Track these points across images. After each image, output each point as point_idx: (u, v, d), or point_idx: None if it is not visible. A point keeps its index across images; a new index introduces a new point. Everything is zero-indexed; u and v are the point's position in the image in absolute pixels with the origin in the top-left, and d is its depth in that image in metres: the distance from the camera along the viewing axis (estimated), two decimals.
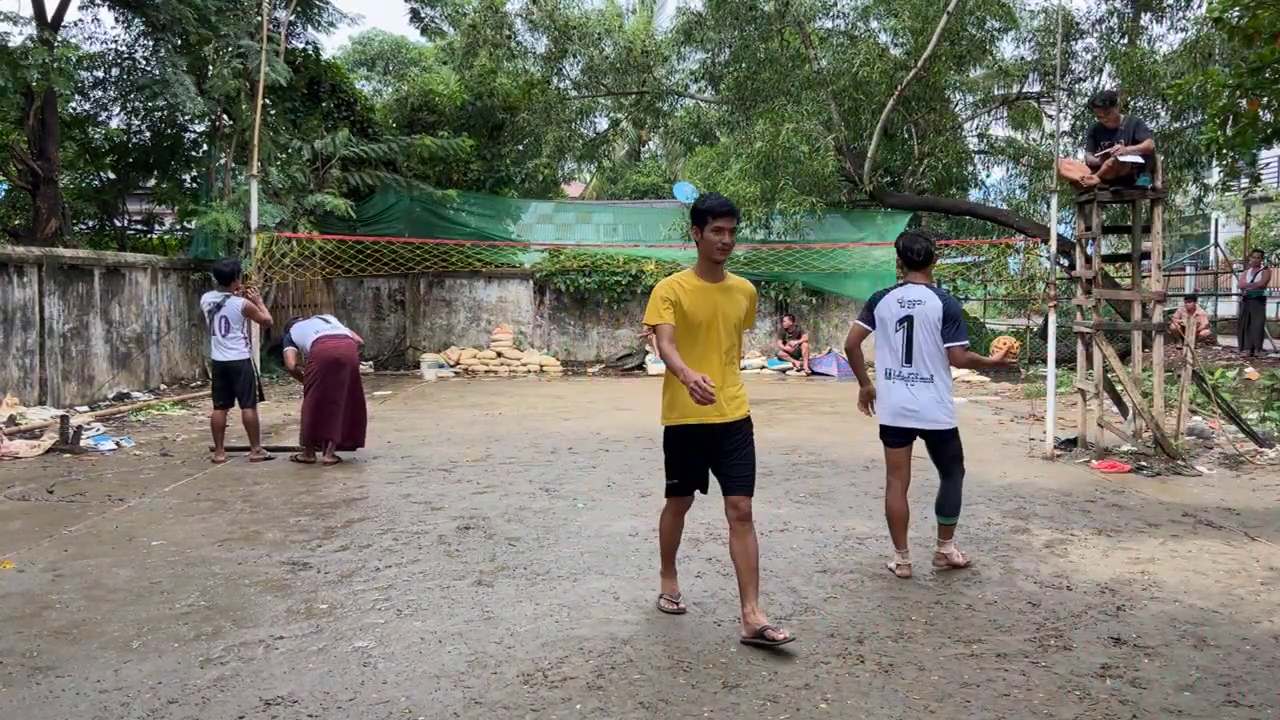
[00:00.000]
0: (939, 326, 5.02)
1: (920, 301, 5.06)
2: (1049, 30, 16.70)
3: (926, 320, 5.02)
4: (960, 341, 5.03)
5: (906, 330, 5.05)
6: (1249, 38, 7.10)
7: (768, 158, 16.20)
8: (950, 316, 5.02)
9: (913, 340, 5.04)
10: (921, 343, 5.03)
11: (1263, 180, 21.47)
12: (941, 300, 5.07)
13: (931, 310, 5.03)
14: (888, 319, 5.13)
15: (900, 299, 5.11)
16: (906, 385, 5.08)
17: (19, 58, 11.91)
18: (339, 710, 3.55)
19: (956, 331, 5.03)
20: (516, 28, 21.42)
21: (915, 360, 5.04)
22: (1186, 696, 3.66)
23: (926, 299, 5.05)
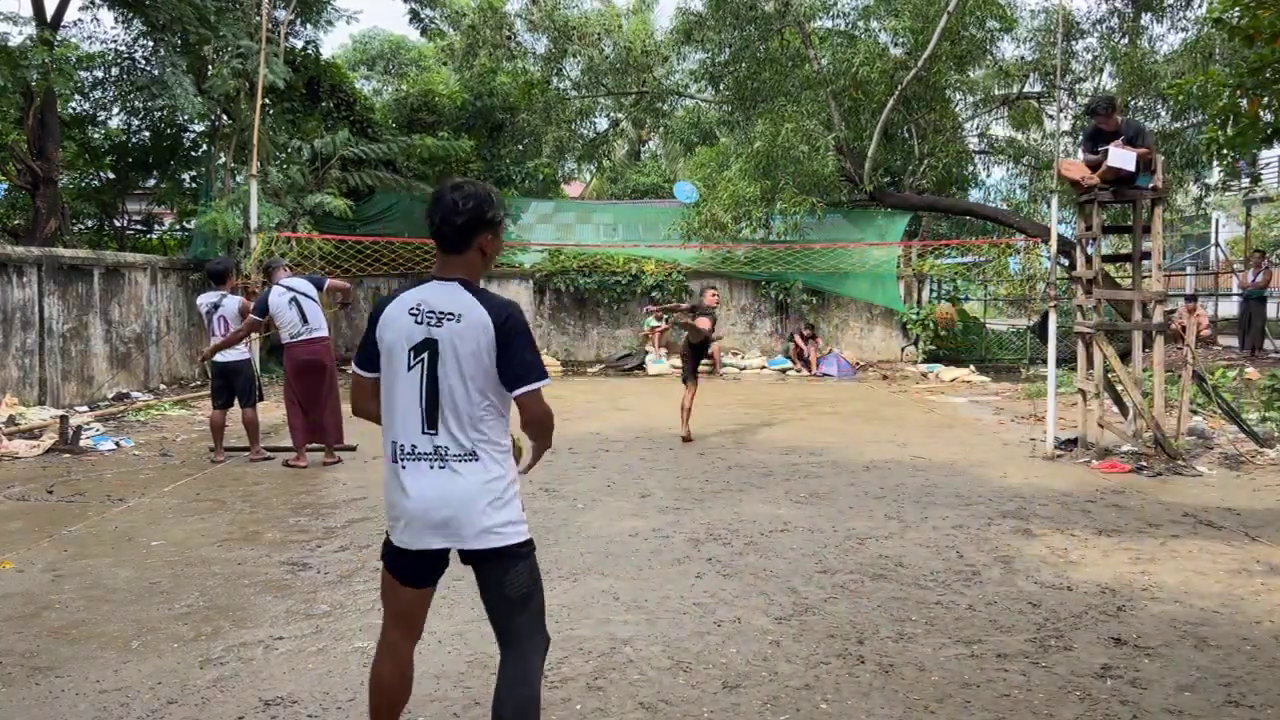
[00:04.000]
0: (486, 357, 2.79)
1: (450, 315, 2.80)
2: (1049, 30, 16.70)
3: (467, 347, 2.78)
4: (533, 381, 2.84)
5: (425, 366, 2.81)
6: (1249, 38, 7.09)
7: (768, 158, 16.20)
8: (512, 334, 2.80)
9: (434, 387, 2.80)
10: (444, 390, 2.80)
11: (1263, 180, 21.47)
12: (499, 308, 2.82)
13: (474, 329, 2.78)
14: (395, 344, 2.84)
15: (417, 307, 2.83)
16: (428, 468, 2.82)
17: (19, 57, 11.91)
18: (339, 710, 3.55)
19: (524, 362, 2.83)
20: (516, 28, 21.42)
21: (445, 421, 2.81)
22: (1187, 697, 3.66)
23: (465, 310, 2.80)
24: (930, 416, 11.72)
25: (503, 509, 2.81)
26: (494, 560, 2.81)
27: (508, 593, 2.83)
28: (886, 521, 6.36)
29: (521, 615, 2.85)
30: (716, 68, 19.52)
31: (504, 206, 3.07)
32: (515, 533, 2.83)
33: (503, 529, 2.80)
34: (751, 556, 5.52)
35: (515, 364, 2.79)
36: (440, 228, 2.83)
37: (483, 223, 2.83)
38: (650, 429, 10.51)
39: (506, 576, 2.82)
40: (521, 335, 2.81)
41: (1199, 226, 29.90)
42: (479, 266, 2.89)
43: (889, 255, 18.49)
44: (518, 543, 2.83)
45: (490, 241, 2.88)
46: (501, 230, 2.95)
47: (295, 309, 8.26)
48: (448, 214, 2.81)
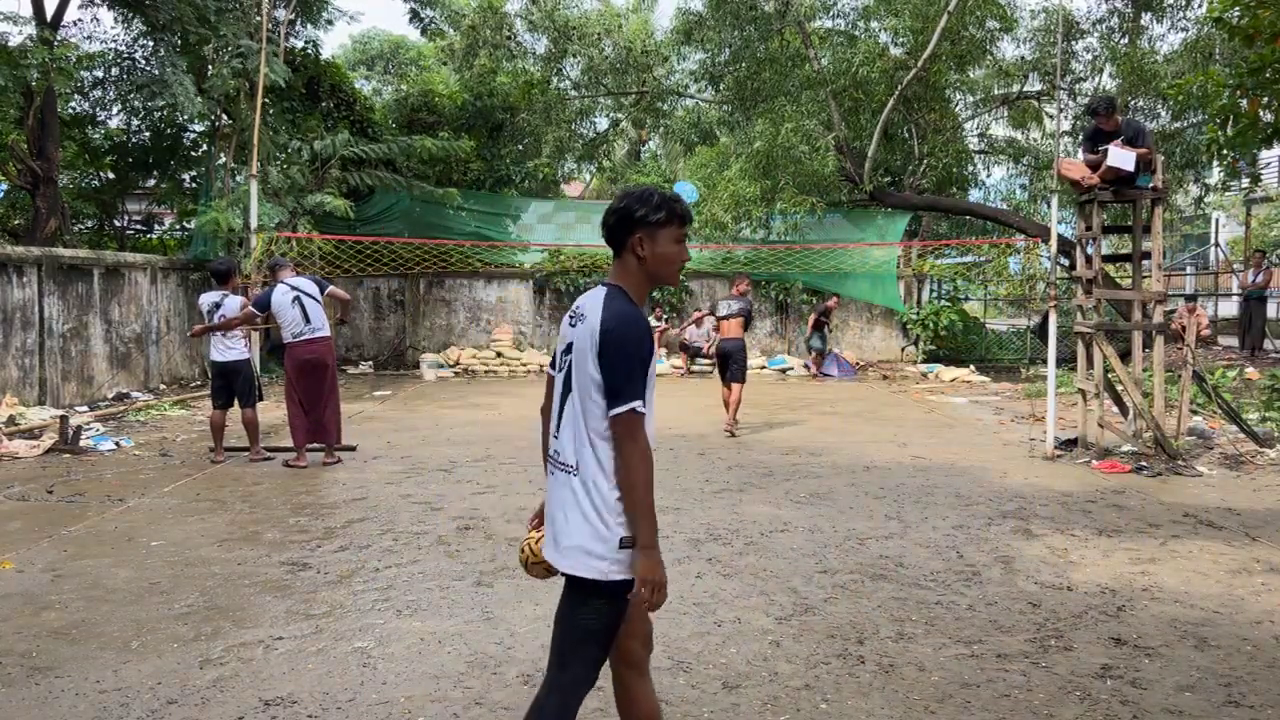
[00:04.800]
0: (590, 365, 2.61)
1: (583, 318, 2.70)
2: (1049, 30, 16.70)
3: (583, 352, 2.64)
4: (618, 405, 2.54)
5: (566, 370, 2.73)
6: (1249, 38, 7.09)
7: (768, 158, 16.20)
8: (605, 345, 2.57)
9: (568, 389, 2.70)
10: (573, 396, 2.68)
11: (1263, 180, 21.46)
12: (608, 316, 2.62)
13: (587, 334, 2.63)
14: (557, 348, 2.82)
15: (574, 309, 2.78)
16: (551, 474, 2.75)
17: (19, 57, 11.91)
18: (338, 710, 3.54)
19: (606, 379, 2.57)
20: (516, 28, 21.42)
21: (563, 428, 2.70)
22: (1187, 697, 3.66)
23: (589, 312, 2.68)
24: (930, 416, 11.72)
25: (588, 537, 2.56)
26: (570, 584, 2.63)
27: (578, 622, 2.61)
28: (886, 521, 6.36)
29: (581, 646, 2.62)
30: (716, 68, 19.53)
31: (671, 208, 2.68)
32: (598, 570, 2.55)
33: (582, 556, 2.57)
34: (751, 556, 5.52)
35: (609, 380, 2.55)
36: (602, 229, 2.76)
37: (633, 222, 2.66)
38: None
39: (582, 606, 2.61)
40: (620, 350, 2.54)
41: (1199, 226, 29.91)
42: (636, 271, 2.70)
43: (889, 255, 18.50)
44: (595, 579, 2.56)
45: (643, 242, 2.66)
46: (663, 231, 2.67)
47: (298, 308, 8.26)
48: (605, 215, 2.73)
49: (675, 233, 2.70)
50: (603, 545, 2.55)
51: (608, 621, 2.60)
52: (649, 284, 2.74)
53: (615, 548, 2.55)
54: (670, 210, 2.67)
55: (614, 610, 2.60)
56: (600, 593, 2.57)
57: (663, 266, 2.70)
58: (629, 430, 2.53)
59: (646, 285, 2.73)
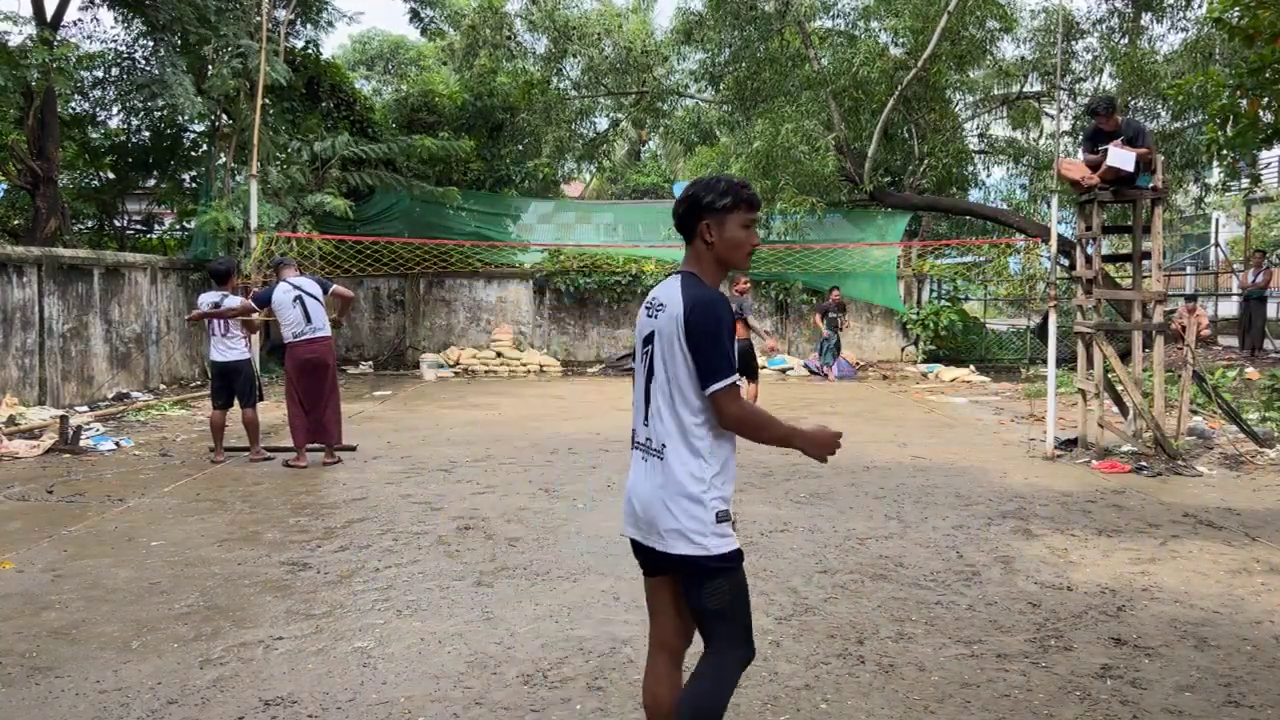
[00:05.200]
0: (679, 351, 2.67)
1: (662, 307, 2.75)
2: (1049, 30, 16.70)
3: (669, 339, 2.70)
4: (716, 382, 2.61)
5: (648, 359, 2.79)
6: (1249, 38, 7.10)
7: (768, 158, 16.20)
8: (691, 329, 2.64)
9: (652, 376, 2.76)
10: (651, 383, 2.77)
11: (1263, 180, 21.46)
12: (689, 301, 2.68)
13: (671, 321, 2.70)
14: (636, 340, 2.91)
15: (650, 300, 2.85)
16: (640, 460, 2.82)
17: (19, 57, 11.91)
18: (339, 710, 3.54)
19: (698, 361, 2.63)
20: (516, 28, 21.41)
21: (651, 414, 2.77)
22: (1187, 697, 3.66)
23: (669, 301, 2.74)
24: (930, 416, 11.72)
25: (682, 515, 2.64)
26: (683, 568, 2.68)
27: (702, 603, 2.69)
28: (886, 521, 6.36)
29: (717, 627, 2.71)
30: (716, 68, 19.53)
31: (737, 194, 2.71)
32: (701, 548, 2.64)
33: (682, 536, 2.64)
34: (751, 556, 5.52)
35: (701, 361, 2.62)
36: (673, 217, 2.82)
37: (700, 208, 2.71)
38: None
39: (700, 588, 2.68)
40: (707, 330, 2.61)
41: (1199, 226, 29.90)
42: (706, 257, 2.75)
43: (889, 255, 18.50)
44: (702, 554, 2.63)
45: (712, 229, 2.71)
46: (731, 217, 2.70)
47: (299, 307, 8.26)
48: (675, 204, 2.80)
49: (743, 218, 2.73)
50: (699, 523, 2.63)
51: (731, 594, 2.68)
52: (720, 269, 2.78)
53: (713, 523, 2.64)
54: (737, 195, 2.72)
55: (731, 581, 2.68)
56: (710, 569, 2.64)
57: (731, 251, 2.75)
58: (731, 401, 2.62)
59: (718, 270, 2.78)
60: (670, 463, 2.67)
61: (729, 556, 2.66)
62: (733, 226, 2.72)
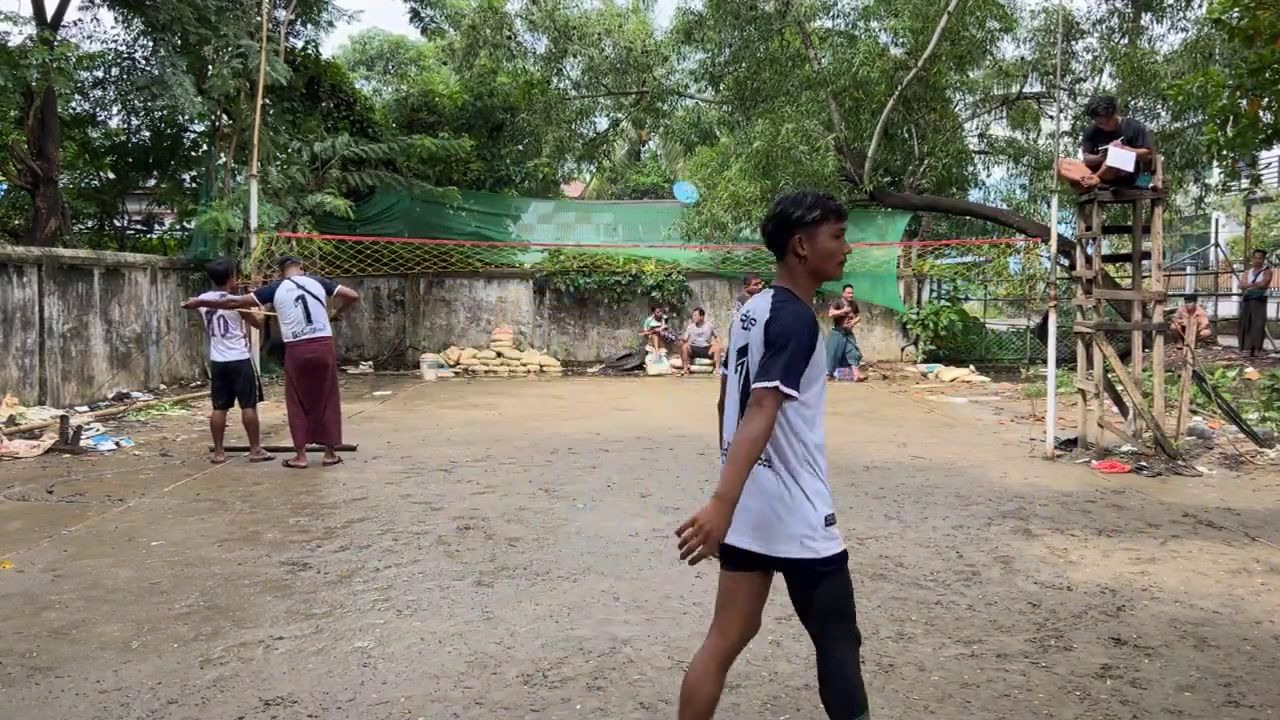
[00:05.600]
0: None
1: (754, 320, 2.84)
2: (1049, 30, 16.69)
3: (757, 353, 2.78)
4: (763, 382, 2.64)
5: (743, 371, 2.86)
6: (1249, 38, 7.10)
7: (768, 158, 16.19)
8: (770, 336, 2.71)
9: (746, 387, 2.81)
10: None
11: (1263, 180, 21.46)
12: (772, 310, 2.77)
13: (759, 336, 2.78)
14: (730, 352, 3.00)
15: (745, 313, 2.92)
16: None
17: (19, 57, 11.91)
18: (339, 710, 3.55)
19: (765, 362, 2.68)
20: (516, 28, 21.41)
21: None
22: (1187, 697, 3.66)
23: (759, 314, 2.82)
24: (930, 416, 11.72)
25: (794, 521, 2.72)
26: (795, 573, 2.78)
27: (817, 605, 2.78)
28: (886, 521, 6.36)
29: (830, 624, 2.80)
30: (716, 68, 19.52)
31: (825, 206, 2.77)
32: (814, 550, 2.73)
33: (795, 540, 2.72)
34: None
35: (767, 355, 2.68)
36: (762, 235, 2.90)
37: (791, 224, 2.78)
38: (650, 429, 10.51)
39: (813, 591, 2.77)
40: (780, 337, 2.66)
41: (1199, 226, 29.91)
42: (799, 270, 2.82)
43: (889, 255, 18.50)
44: (813, 558, 2.73)
45: (803, 243, 2.78)
46: (821, 229, 2.77)
47: (301, 307, 8.27)
48: (763, 222, 2.87)
49: (833, 229, 2.80)
50: (810, 528, 2.72)
51: (841, 594, 2.78)
52: (814, 281, 2.84)
53: (822, 527, 2.74)
54: (825, 208, 2.79)
55: (841, 581, 2.78)
56: (822, 572, 2.74)
57: (824, 262, 2.81)
58: (763, 402, 2.62)
59: (812, 283, 2.84)
60: (775, 470, 2.75)
61: (838, 558, 2.76)
62: (824, 238, 2.79)
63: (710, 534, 2.54)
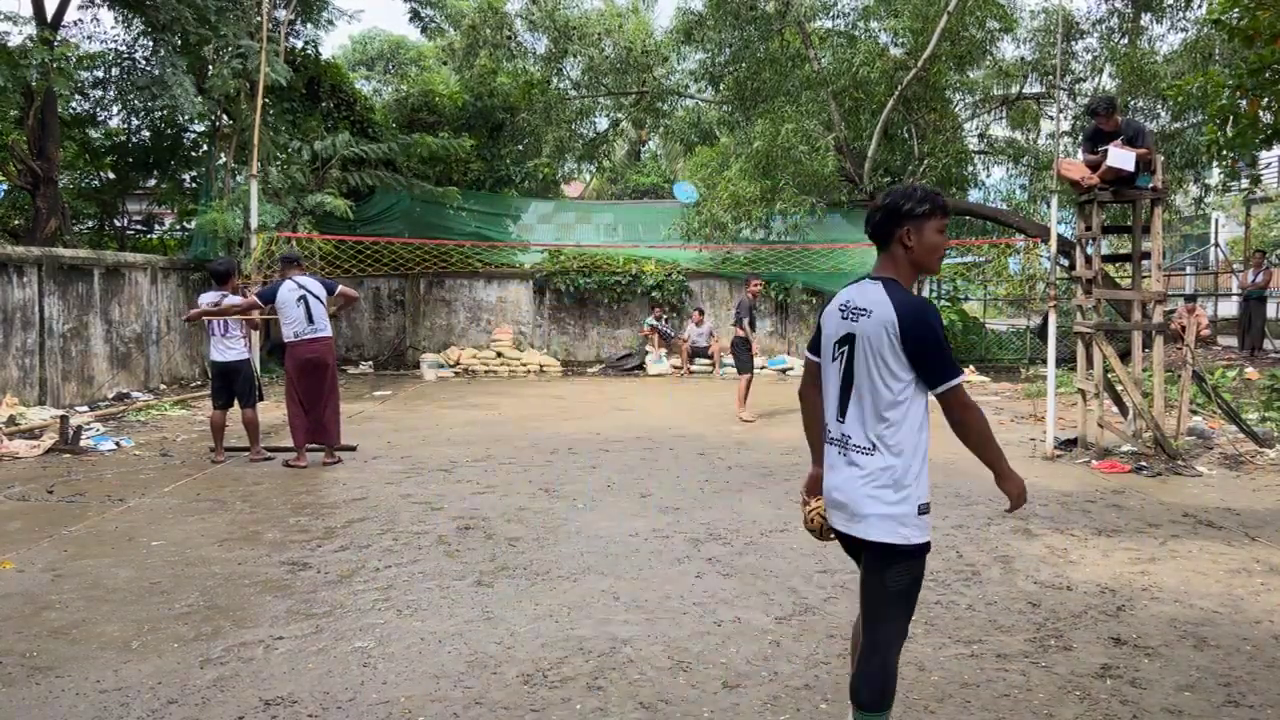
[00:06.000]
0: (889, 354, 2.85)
1: (864, 311, 2.91)
2: (1049, 30, 16.70)
3: (871, 342, 2.88)
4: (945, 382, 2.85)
5: (846, 359, 2.95)
6: (1249, 39, 7.11)
7: (767, 158, 16.20)
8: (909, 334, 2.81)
9: (846, 378, 2.95)
10: (853, 383, 2.94)
11: (1263, 180, 21.46)
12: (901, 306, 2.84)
13: (878, 325, 2.86)
14: (827, 339, 3.05)
15: (844, 303, 3.00)
16: (837, 454, 3.00)
17: (19, 57, 11.91)
18: (339, 710, 3.55)
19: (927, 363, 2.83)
20: (516, 28, 21.42)
21: (849, 413, 2.95)
22: (1187, 697, 3.66)
23: (873, 305, 2.89)
24: (930, 416, 11.70)
25: (889, 508, 2.84)
26: (874, 551, 2.89)
27: (885, 586, 2.89)
28: None
29: (892, 607, 2.91)
30: (716, 68, 19.53)
31: (933, 201, 2.91)
32: (900, 535, 2.84)
33: (884, 523, 2.84)
34: (751, 556, 5.53)
35: (926, 364, 2.82)
36: (866, 226, 3.01)
37: (900, 215, 2.89)
38: (650, 429, 10.51)
39: (886, 572, 2.88)
40: (927, 335, 2.81)
41: (1199, 226, 29.91)
42: (903, 262, 2.93)
43: None
44: (899, 543, 2.84)
45: (910, 235, 2.90)
46: (928, 223, 2.90)
47: (302, 307, 8.28)
48: (871, 212, 2.97)
49: (938, 223, 2.92)
50: (903, 513, 2.84)
51: (911, 582, 2.90)
52: (916, 273, 2.96)
53: (915, 514, 2.85)
54: (933, 203, 2.91)
55: (916, 571, 2.90)
56: (904, 557, 2.86)
57: (928, 255, 2.93)
58: (960, 399, 2.87)
59: (914, 274, 2.96)
60: (875, 458, 2.87)
61: (923, 547, 2.88)
62: (929, 232, 2.90)
63: (1023, 491, 3.08)
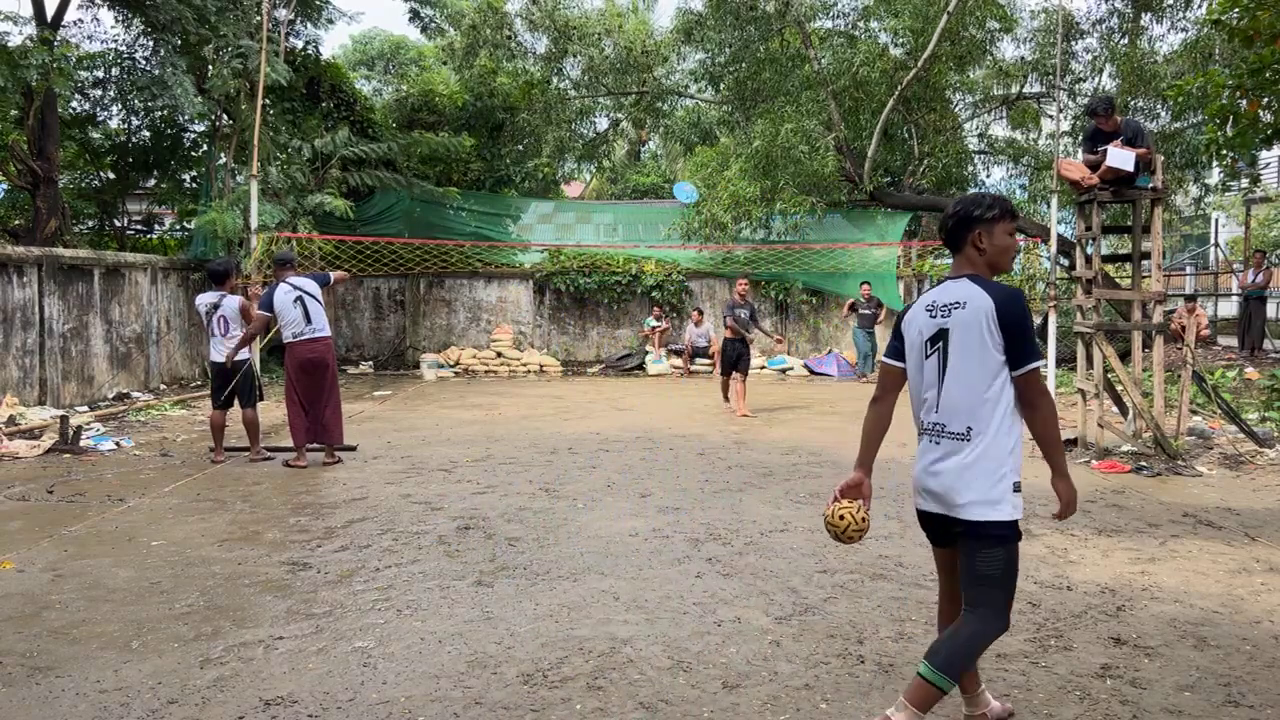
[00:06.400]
0: (989, 341, 3.03)
1: (957, 304, 3.11)
2: (1049, 30, 16.71)
3: (968, 333, 3.06)
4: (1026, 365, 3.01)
5: (940, 354, 3.14)
6: (1249, 39, 7.11)
7: (767, 158, 16.21)
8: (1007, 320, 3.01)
9: (940, 371, 3.14)
10: (947, 375, 3.12)
11: (1262, 180, 21.46)
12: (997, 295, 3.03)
13: (974, 316, 3.05)
14: (915, 340, 3.24)
15: (932, 303, 3.20)
16: (931, 443, 3.18)
17: (19, 57, 11.91)
18: (339, 710, 3.55)
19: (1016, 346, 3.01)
20: (516, 28, 21.44)
21: (945, 402, 3.12)
22: (1187, 697, 3.66)
23: (967, 299, 3.09)
24: None
25: (986, 486, 3.01)
26: (969, 533, 3.05)
27: (976, 568, 3.05)
28: (886, 521, 6.36)
29: (984, 590, 3.05)
30: (716, 68, 19.55)
31: (1001, 205, 3.14)
32: (994, 513, 3.00)
33: (984, 504, 3.01)
34: (751, 556, 5.53)
35: (1016, 344, 3.01)
36: (940, 231, 3.27)
37: (970, 221, 3.13)
38: (650, 429, 10.52)
39: (978, 554, 3.04)
40: (1021, 320, 3.01)
41: (1199, 226, 29.91)
42: (979, 263, 3.16)
43: (889, 255, 18.50)
44: (993, 521, 3.00)
45: (982, 238, 3.12)
46: (999, 226, 3.11)
47: (300, 308, 8.29)
48: (944, 218, 3.23)
49: (1008, 226, 3.15)
50: (999, 492, 3.02)
51: (1007, 563, 3.04)
52: (990, 273, 3.19)
53: (1009, 492, 3.03)
54: (1002, 208, 3.15)
55: (1011, 551, 3.05)
56: (998, 536, 3.02)
57: (1000, 255, 3.16)
58: (1037, 384, 3.04)
59: (990, 273, 3.19)
60: (974, 443, 3.04)
61: (1014, 525, 3.03)
62: (999, 234, 3.13)
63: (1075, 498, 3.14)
